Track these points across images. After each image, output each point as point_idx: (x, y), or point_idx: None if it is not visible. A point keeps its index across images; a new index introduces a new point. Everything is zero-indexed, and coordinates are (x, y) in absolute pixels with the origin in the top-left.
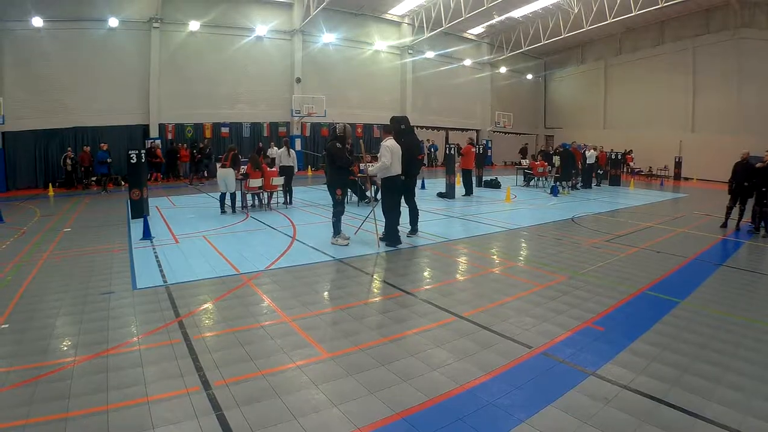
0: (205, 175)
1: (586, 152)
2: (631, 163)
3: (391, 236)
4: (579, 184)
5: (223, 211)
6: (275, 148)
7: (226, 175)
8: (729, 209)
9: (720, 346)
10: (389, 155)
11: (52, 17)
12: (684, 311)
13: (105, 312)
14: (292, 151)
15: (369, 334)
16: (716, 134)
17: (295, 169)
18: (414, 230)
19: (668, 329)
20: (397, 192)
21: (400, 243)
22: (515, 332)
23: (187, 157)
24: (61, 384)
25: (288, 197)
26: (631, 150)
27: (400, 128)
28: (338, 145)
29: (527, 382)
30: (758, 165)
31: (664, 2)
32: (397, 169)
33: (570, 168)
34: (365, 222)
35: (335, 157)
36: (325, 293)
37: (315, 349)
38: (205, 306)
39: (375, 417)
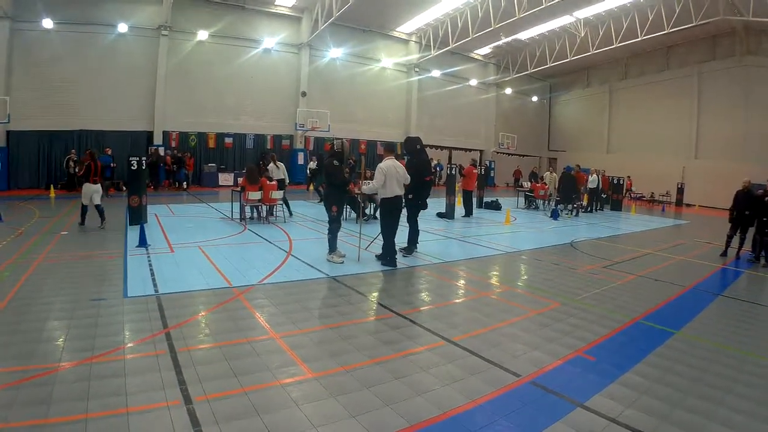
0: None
1: (589, 177)
2: (632, 188)
3: (387, 257)
4: (582, 208)
5: (82, 224)
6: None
7: (94, 191)
8: (729, 238)
9: (714, 380)
10: (382, 177)
11: (62, 19)
12: (679, 342)
13: (94, 319)
14: (280, 164)
15: (355, 356)
16: (720, 161)
17: (287, 182)
18: (410, 249)
19: (661, 361)
20: (394, 214)
21: (395, 266)
22: (504, 359)
23: (191, 166)
24: (43, 389)
25: (286, 210)
26: (629, 175)
27: (416, 148)
28: (335, 162)
29: (512, 413)
30: (759, 192)
31: (671, 28)
32: (394, 191)
33: (570, 192)
34: (372, 241)
35: (331, 175)
36: (316, 311)
37: (300, 368)
38: (194, 318)
39: None
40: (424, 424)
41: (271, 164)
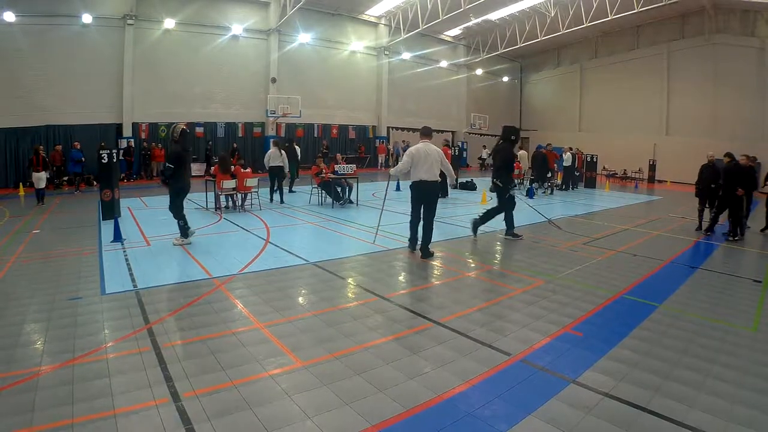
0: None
1: (563, 155)
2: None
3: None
4: (556, 185)
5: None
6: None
7: (38, 178)
8: (700, 212)
9: (700, 351)
10: (408, 160)
11: (24, 12)
12: (662, 315)
13: (72, 319)
14: (282, 151)
15: (344, 342)
16: (691, 138)
17: (286, 169)
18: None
19: (647, 334)
20: (416, 199)
21: (432, 256)
22: (493, 339)
23: (161, 157)
24: (25, 396)
25: (279, 196)
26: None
27: (510, 138)
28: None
29: (507, 391)
30: (741, 161)
31: (641, 7)
32: (420, 175)
33: (543, 170)
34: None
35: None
36: (299, 298)
37: (288, 357)
38: (176, 312)
39: (351, 430)
40: (420, 407)
41: (275, 149)
